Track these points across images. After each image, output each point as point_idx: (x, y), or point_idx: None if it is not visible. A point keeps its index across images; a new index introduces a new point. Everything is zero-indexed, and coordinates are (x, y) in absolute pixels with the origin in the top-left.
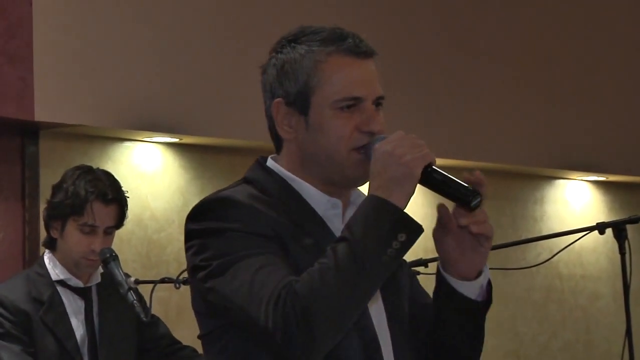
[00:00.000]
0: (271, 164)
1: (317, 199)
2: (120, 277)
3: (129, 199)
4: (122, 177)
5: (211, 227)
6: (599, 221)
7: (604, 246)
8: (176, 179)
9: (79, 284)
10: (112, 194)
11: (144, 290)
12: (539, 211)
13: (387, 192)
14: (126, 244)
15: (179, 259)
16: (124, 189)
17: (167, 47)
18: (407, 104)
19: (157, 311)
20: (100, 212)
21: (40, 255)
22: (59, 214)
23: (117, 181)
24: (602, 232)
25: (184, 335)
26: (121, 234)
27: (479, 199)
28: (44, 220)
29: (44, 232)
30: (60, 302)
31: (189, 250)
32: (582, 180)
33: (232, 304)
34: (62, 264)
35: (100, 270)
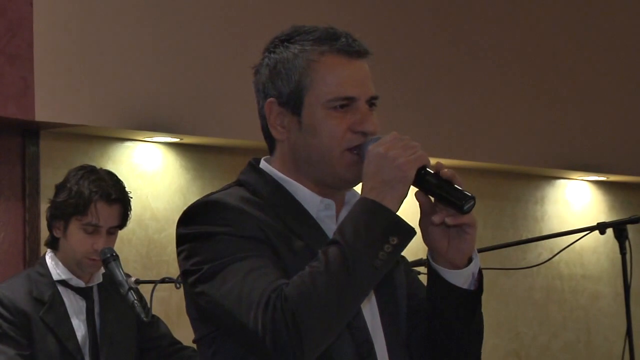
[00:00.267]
0: (264, 165)
1: (310, 200)
2: (120, 277)
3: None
4: (123, 177)
5: (201, 231)
6: (599, 221)
7: (605, 246)
8: (177, 179)
9: (80, 283)
10: (115, 194)
11: (145, 290)
12: (540, 211)
13: (380, 195)
14: (127, 244)
15: None
16: (127, 190)
17: (168, 47)
18: (406, 103)
19: (157, 311)
20: (103, 212)
21: (40, 255)
22: (62, 213)
23: (120, 181)
24: (602, 232)
25: (184, 335)
26: (121, 234)
27: (472, 203)
28: (47, 219)
29: (45, 232)
30: (61, 302)
31: (180, 254)
32: (582, 180)
33: (222, 308)
34: (64, 263)
35: (102, 270)
